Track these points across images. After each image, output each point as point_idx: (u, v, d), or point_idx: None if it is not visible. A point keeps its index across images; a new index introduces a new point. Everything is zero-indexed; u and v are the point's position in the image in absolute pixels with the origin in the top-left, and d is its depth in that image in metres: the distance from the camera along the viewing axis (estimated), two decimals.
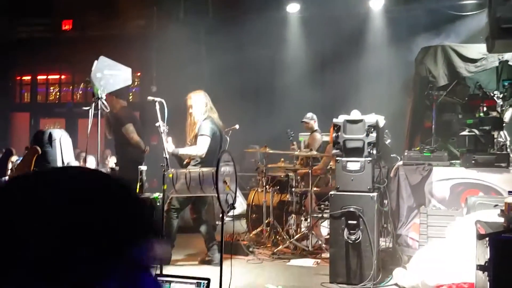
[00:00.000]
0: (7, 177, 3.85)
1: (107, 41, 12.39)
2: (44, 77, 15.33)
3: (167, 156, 4.66)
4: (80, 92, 13.22)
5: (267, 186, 7.07)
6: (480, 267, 2.89)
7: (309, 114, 8.01)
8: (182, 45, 11.28)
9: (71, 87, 15.04)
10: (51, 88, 15.24)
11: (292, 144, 7.80)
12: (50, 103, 15.08)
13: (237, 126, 6.88)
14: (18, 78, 15.55)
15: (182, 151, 5.66)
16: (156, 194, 4.88)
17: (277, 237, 6.81)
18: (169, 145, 5.42)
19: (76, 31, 13.73)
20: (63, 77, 15.24)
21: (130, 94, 14.61)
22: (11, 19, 14.02)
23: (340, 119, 5.29)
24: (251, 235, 7.10)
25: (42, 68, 14.90)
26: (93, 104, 4.62)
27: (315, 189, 6.78)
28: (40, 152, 3.53)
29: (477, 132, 5.62)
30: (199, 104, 5.75)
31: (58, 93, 15.21)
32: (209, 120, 5.74)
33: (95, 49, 4.94)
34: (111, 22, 13.15)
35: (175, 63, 11.44)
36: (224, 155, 3.54)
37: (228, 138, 6.31)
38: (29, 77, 15.44)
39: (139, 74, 13.86)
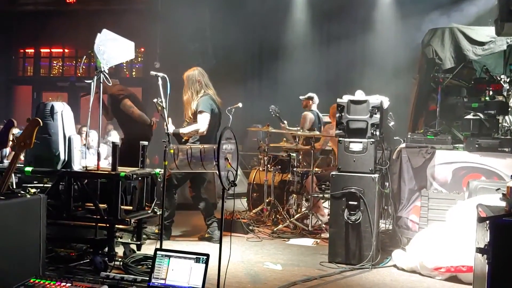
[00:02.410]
0: (8, 149, 3.85)
1: (111, 15, 12.30)
2: (47, 50, 15.25)
3: (169, 132, 4.63)
4: (83, 67, 13.14)
5: (268, 165, 7.06)
6: (480, 250, 2.88)
7: (309, 94, 8.01)
8: (186, 22, 11.18)
9: (74, 62, 14.97)
10: (54, 62, 15.17)
11: (282, 123, 7.65)
12: (53, 77, 15.03)
13: (240, 105, 6.84)
14: (21, 51, 15.47)
15: (183, 130, 5.63)
16: (157, 170, 4.87)
17: (278, 216, 6.83)
18: (169, 126, 5.39)
19: (80, 4, 13.60)
20: (66, 50, 15.15)
21: (133, 70, 14.57)
22: None
23: (344, 99, 5.25)
24: (251, 213, 7.12)
25: (46, 41, 14.79)
26: (96, 77, 4.58)
27: (316, 169, 6.77)
28: (41, 123, 3.49)
29: (482, 116, 5.57)
30: (194, 82, 5.71)
31: (61, 68, 15.14)
32: (207, 97, 5.70)
33: (99, 23, 4.87)
34: None
35: (179, 39, 11.36)
36: (226, 132, 3.51)
37: (231, 117, 6.27)
38: (32, 50, 15.36)
39: (142, 50, 13.77)
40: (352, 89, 5.67)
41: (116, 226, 4.50)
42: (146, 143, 4.89)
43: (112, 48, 4.72)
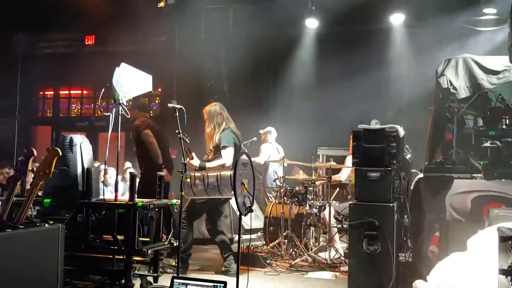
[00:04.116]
0: (28, 177, 3.90)
1: (129, 56, 12.56)
2: (66, 92, 15.63)
3: (186, 162, 4.66)
4: (102, 109, 13.44)
5: (285, 198, 7.02)
6: (503, 272, 2.81)
7: (268, 128, 8.70)
8: (202, 60, 11.41)
9: (92, 105, 15.30)
10: (73, 105, 15.54)
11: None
12: (72, 117, 15.36)
13: (255, 139, 6.94)
14: (41, 93, 15.87)
15: (209, 164, 5.63)
16: (174, 201, 4.88)
17: (295, 249, 6.74)
18: (194, 161, 5.43)
19: (99, 46, 13.97)
20: (85, 92, 15.50)
21: (151, 110, 14.79)
22: (34, 34, 14.35)
23: (360, 128, 5.26)
24: (268, 247, 7.04)
25: (65, 83, 15.18)
26: (114, 110, 4.66)
27: (334, 202, 6.71)
28: (60, 153, 3.56)
29: (499, 143, 5.52)
30: (216, 115, 5.80)
31: (79, 110, 15.48)
32: (229, 130, 5.78)
33: (117, 64, 5.04)
34: (133, 38, 13.37)
35: (195, 77, 11.57)
36: (241, 157, 3.53)
37: (246, 151, 6.31)
38: (51, 92, 15.76)
39: (160, 90, 14.01)
40: (368, 122, 5.69)
41: (133, 257, 4.49)
42: (163, 173, 4.92)
43: (130, 81, 4.83)
